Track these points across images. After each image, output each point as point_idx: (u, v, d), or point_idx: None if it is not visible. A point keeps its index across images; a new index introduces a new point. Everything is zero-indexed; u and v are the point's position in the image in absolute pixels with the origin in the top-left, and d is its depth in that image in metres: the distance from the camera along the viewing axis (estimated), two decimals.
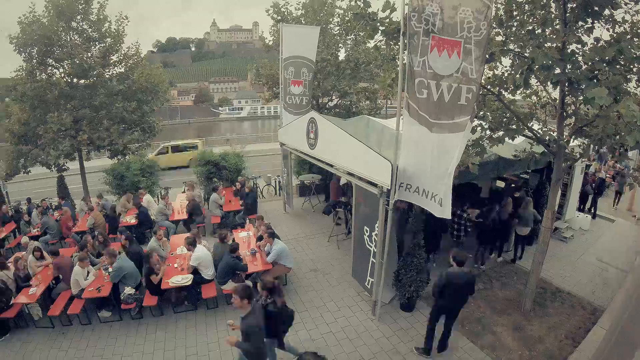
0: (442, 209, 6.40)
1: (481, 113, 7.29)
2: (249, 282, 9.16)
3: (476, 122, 7.14)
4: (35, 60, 16.60)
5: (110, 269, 9.34)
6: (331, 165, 10.27)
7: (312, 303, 9.27)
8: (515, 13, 6.68)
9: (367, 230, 8.61)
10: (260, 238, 10.51)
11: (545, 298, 8.95)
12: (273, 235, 9.67)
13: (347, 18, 19.00)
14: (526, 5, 6.57)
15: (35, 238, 12.72)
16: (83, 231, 13.04)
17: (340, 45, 19.90)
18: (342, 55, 20.08)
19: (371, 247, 8.48)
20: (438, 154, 6.25)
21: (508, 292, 9.26)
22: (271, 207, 16.14)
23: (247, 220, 12.83)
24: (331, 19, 19.57)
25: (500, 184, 14.30)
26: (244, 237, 11.08)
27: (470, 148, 7.26)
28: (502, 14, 6.78)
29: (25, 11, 16.20)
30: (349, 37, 20.02)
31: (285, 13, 19.70)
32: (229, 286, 9.03)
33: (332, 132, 9.74)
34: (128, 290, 8.94)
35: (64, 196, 18.39)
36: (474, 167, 6.83)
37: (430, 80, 5.89)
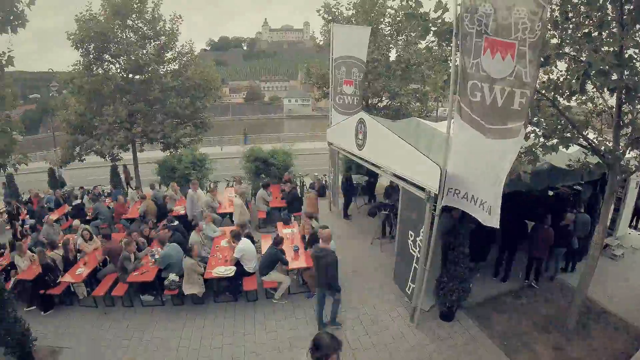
0: (491, 218, 6.18)
1: (535, 119, 7.00)
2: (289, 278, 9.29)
3: (530, 128, 6.86)
4: (92, 56, 17.55)
5: (157, 256, 9.78)
6: (378, 167, 10.18)
7: (351, 304, 9.22)
8: (570, 14, 6.36)
9: (411, 235, 8.47)
10: (304, 237, 10.56)
11: (589, 318, 8.43)
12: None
13: (398, 18, 18.76)
14: (582, 7, 6.24)
15: (86, 222, 13.32)
16: (133, 218, 13.71)
17: (391, 45, 19.61)
18: (392, 55, 19.82)
19: (415, 252, 8.33)
20: (489, 160, 6.04)
21: (552, 309, 8.82)
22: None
23: (292, 218, 12.94)
24: (382, 19, 19.29)
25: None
26: (288, 233, 11.16)
27: (522, 155, 6.98)
28: (558, 15, 6.48)
29: (82, 9, 17.10)
30: (400, 37, 19.68)
31: (336, 13, 19.67)
32: (270, 278, 9.23)
33: (381, 133, 9.60)
34: (172, 276, 9.22)
35: (117, 184, 19.18)
36: (526, 176, 6.58)
37: (484, 83, 5.69)
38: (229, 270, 9.26)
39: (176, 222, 11.85)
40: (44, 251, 9.79)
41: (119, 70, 18.36)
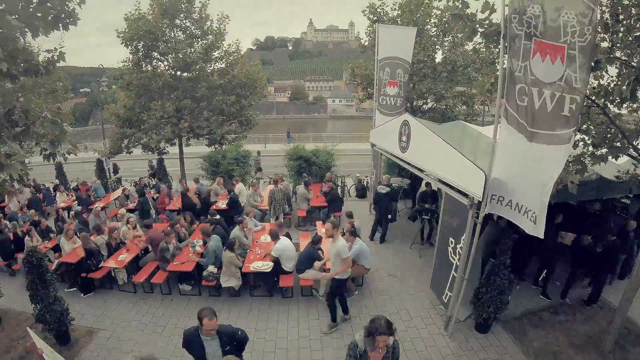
0: (536, 227, 5.94)
1: (584, 126, 6.70)
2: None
3: (578, 136, 6.56)
4: (141, 53, 18.22)
5: (197, 247, 10.13)
6: (422, 171, 9.97)
7: (385, 308, 9.12)
8: (621, 17, 6.01)
9: (452, 242, 8.24)
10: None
11: (627, 340, 7.92)
12: (354, 234, 9.58)
13: (444, 19, 18.38)
14: (633, 9, 5.88)
15: (131, 211, 13.97)
16: (176, 210, 14.23)
17: (437, 46, 19.27)
18: (438, 57, 19.47)
19: (454, 260, 8.11)
20: (536, 167, 5.81)
21: (590, 328, 8.37)
22: (357, 207, 15.93)
23: (332, 217, 12.87)
24: (428, 20, 18.98)
25: None
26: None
27: (570, 165, 6.68)
28: (608, 17, 6.15)
29: (131, 8, 17.83)
30: (447, 38, 19.31)
31: (382, 13, 19.52)
32: (306, 275, 9.29)
33: (425, 136, 9.37)
34: (211, 268, 9.49)
35: (162, 177, 19.86)
36: (573, 187, 6.29)
37: (532, 87, 5.49)
38: (266, 266, 9.40)
39: (217, 216, 12.09)
40: (87, 236, 10.30)
41: (167, 68, 18.98)
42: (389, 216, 12.86)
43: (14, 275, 11.32)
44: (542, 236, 5.89)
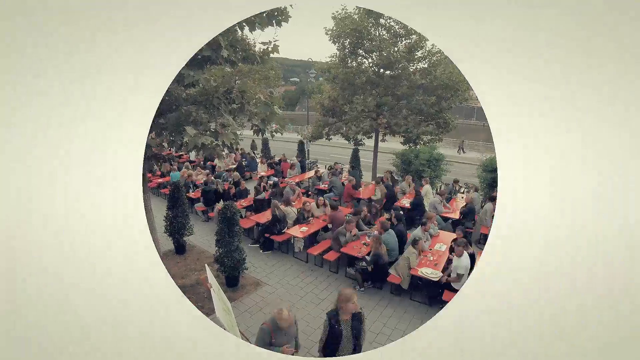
0: None
1: None
2: None
3: None
4: (347, 50, 19.39)
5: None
6: None
7: None
8: None
9: None
10: None
11: None
12: None
13: None
14: None
15: (322, 192, 15.58)
16: (361, 198, 15.22)
17: None
18: None
19: None
20: None
21: None
22: None
23: None
24: None
25: None
26: None
27: None
28: None
29: (338, 8, 19.08)
30: None
31: None
32: None
33: None
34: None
35: (355, 166, 21.26)
36: None
37: None
38: (435, 275, 9.01)
39: (401, 212, 12.19)
40: (277, 203, 11.92)
41: (371, 65, 19.80)
42: None
43: (208, 221, 14.04)
44: None
